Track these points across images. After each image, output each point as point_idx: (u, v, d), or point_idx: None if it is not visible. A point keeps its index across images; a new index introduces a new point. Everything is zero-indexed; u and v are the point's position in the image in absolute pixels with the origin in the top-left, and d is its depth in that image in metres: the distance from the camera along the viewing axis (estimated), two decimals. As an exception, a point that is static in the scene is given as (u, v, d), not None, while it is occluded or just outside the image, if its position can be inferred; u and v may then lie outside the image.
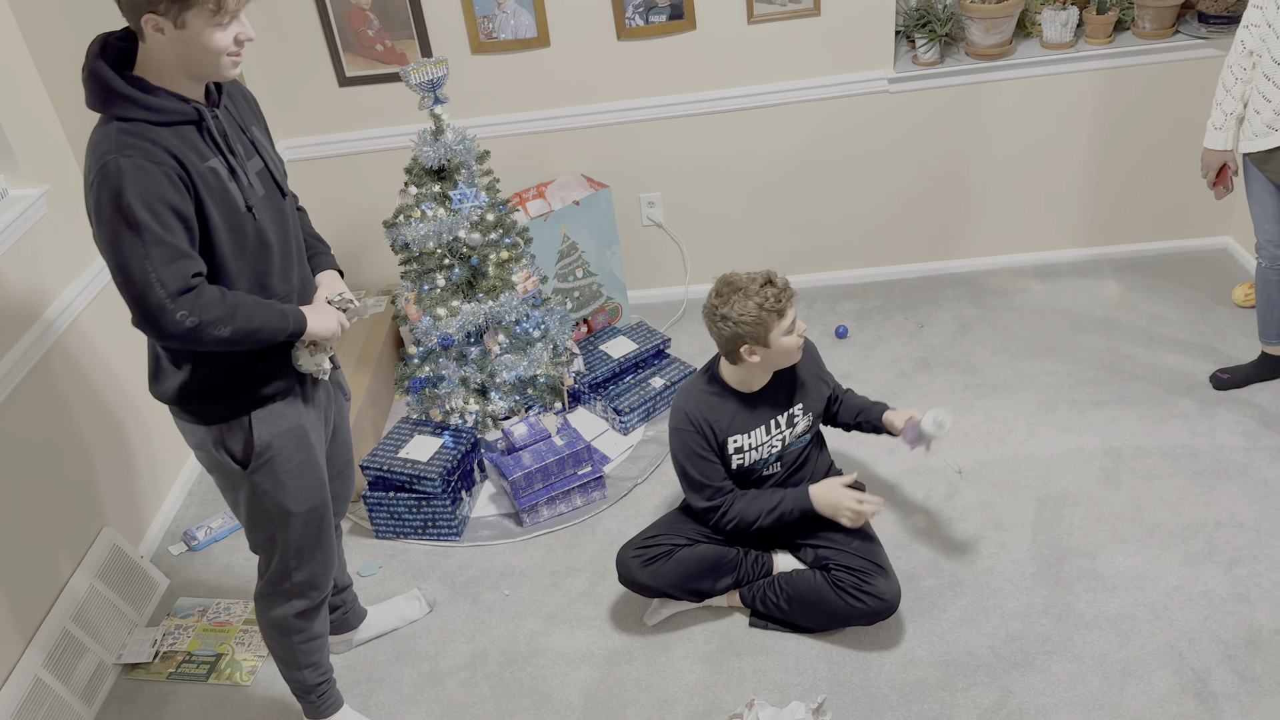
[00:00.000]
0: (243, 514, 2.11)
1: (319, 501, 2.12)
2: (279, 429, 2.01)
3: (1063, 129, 3.63)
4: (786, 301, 2.34)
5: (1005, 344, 3.52)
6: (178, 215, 1.74)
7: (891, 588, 2.44)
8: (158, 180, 1.70)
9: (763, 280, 2.34)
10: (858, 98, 3.57)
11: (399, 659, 2.65)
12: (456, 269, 3.09)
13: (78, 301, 2.78)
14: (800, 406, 2.53)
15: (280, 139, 3.71)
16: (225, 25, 1.73)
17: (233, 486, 2.07)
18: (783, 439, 2.54)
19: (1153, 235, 3.87)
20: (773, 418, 2.51)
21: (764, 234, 3.87)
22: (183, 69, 1.76)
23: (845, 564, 2.48)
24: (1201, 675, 2.35)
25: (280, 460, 2.03)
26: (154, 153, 1.71)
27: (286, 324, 1.91)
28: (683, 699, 2.45)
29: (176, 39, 1.71)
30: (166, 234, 1.72)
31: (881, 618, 2.46)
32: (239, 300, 1.84)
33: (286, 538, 2.12)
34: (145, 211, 1.70)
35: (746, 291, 2.32)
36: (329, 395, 2.19)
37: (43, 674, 2.46)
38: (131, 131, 1.72)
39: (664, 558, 2.53)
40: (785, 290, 2.35)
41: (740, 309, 2.31)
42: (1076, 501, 2.85)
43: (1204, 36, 3.43)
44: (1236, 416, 3.07)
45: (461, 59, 3.51)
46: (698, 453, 2.47)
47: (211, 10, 1.69)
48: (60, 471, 2.68)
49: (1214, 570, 2.59)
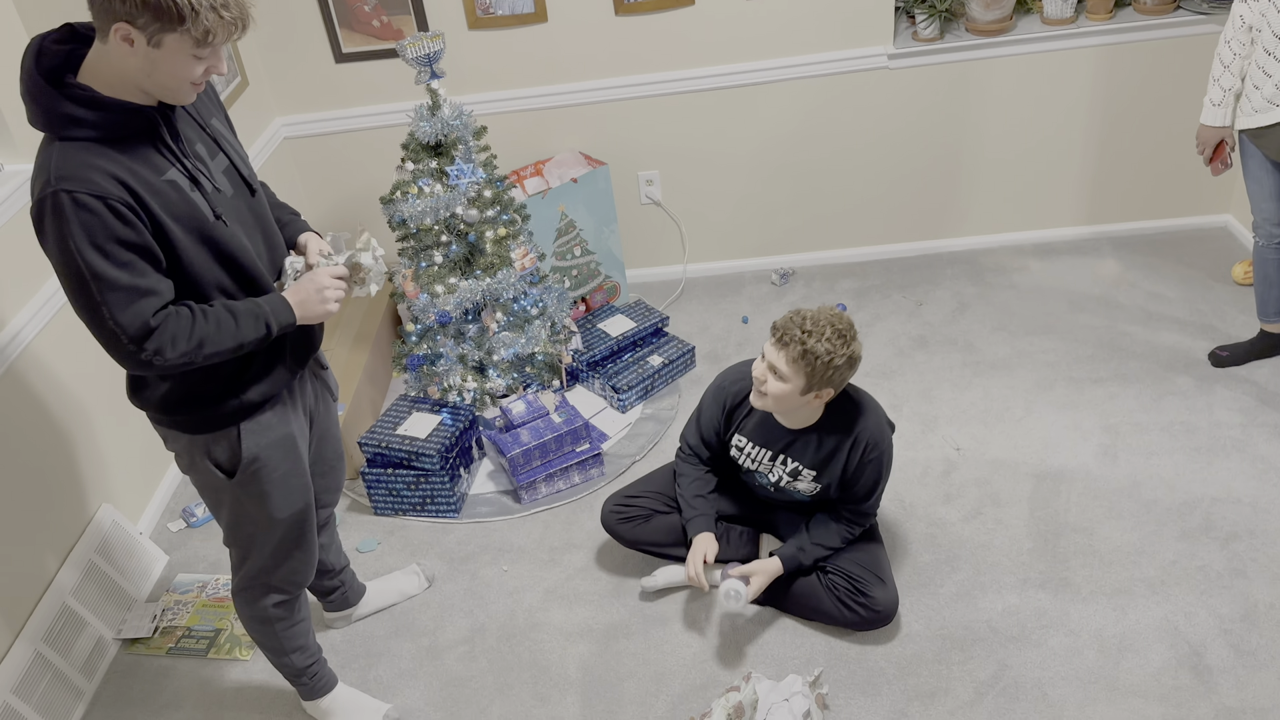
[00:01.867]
0: (224, 518, 2.06)
1: (303, 505, 2.08)
2: (268, 439, 1.95)
3: (1063, 106, 3.62)
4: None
5: (1004, 322, 3.52)
6: (130, 248, 1.63)
7: (889, 598, 2.38)
8: (102, 217, 1.59)
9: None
10: (857, 74, 3.55)
11: (398, 634, 2.66)
12: (454, 246, 3.08)
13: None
14: (813, 474, 2.41)
15: (277, 116, 3.69)
16: (202, 57, 1.62)
17: (214, 493, 2.01)
18: (779, 478, 2.47)
19: (1152, 213, 3.86)
20: (785, 455, 2.43)
21: (762, 212, 3.86)
22: (139, 84, 1.64)
23: (843, 569, 2.42)
24: (1197, 649, 2.35)
25: (267, 470, 1.97)
26: (98, 184, 1.59)
27: (267, 329, 1.81)
28: (680, 672, 2.46)
29: (145, 55, 1.59)
30: (121, 274, 1.62)
31: (875, 627, 2.43)
32: (210, 322, 1.74)
33: (268, 540, 2.08)
34: (95, 254, 1.60)
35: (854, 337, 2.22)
36: (315, 393, 2.13)
37: (43, 648, 2.47)
38: (74, 158, 1.60)
39: (641, 520, 2.61)
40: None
41: (858, 354, 2.22)
42: (1074, 478, 2.85)
43: (1205, 12, 3.41)
44: (1234, 393, 3.07)
45: (459, 34, 3.49)
46: (705, 409, 2.53)
47: (195, 40, 1.58)
48: (59, 448, 2.68)
49: (1210, 545, 2.60)
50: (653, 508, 2.64)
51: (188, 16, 1.55)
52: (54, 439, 2.67)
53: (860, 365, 2.28)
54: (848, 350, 2.18)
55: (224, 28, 1.60)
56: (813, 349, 2.15)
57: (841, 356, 2.17)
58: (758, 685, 2.28)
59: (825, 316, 2.19)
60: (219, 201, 1.78)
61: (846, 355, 2.18)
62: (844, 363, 2.18)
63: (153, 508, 3.09)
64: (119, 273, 1.63)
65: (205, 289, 1.78)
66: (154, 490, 3.13)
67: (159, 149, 1.70)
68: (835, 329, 2.17)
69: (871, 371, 3.34)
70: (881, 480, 2.39)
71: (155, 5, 1.54)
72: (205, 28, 1.57)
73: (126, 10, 1.54)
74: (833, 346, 2.15)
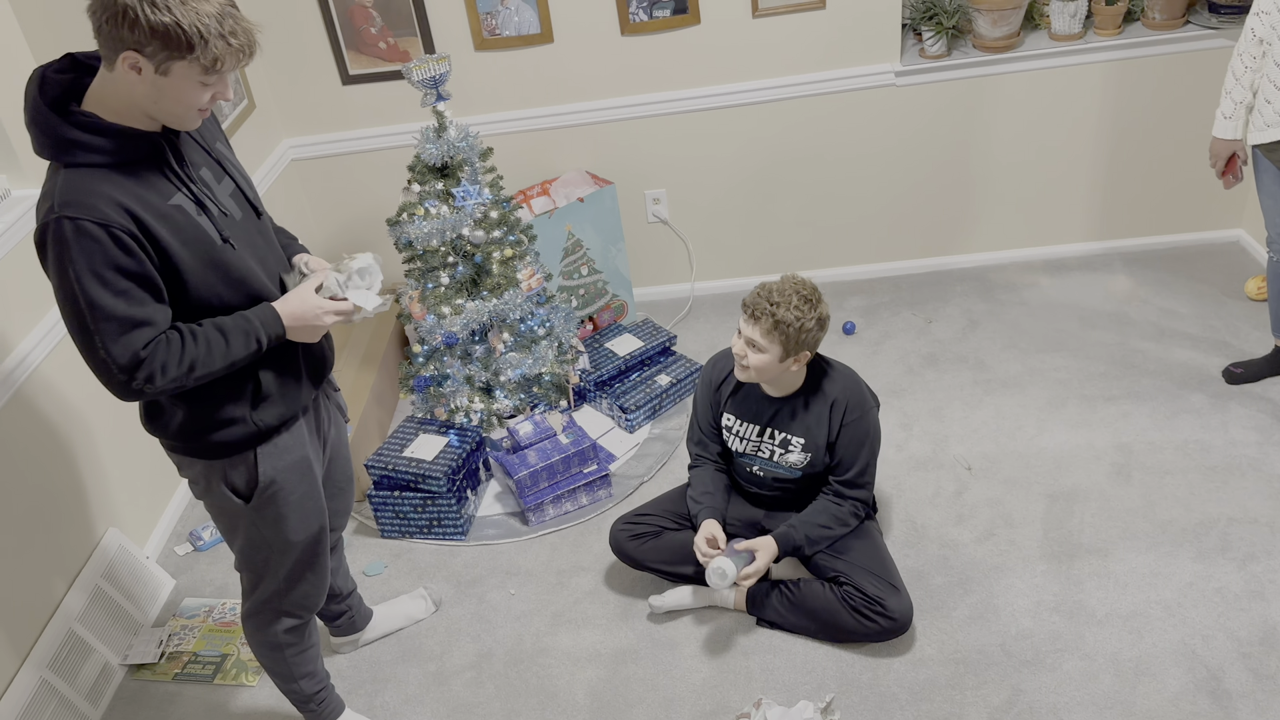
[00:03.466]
0: (238, 543, 2.05)
1: (318, 528, 2.07)
2: (284, 463, 1.94)
3: (1072, 121, 3.60)
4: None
5: (1014, 339, 3.49)
6: (129, 276, 1.63)
7: (904, 606, 2.40)
8: (104, 245, 1.59)
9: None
10: (864, 91, 3.54)
11: (404, 659, 2.63)
12: (460, 267, 3.07)
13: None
14: (801, 441, 2.47)
15: (284, 138, 3.70)
16: (209, 84, 1.63)
17: (230, 518, 2.00)
18: (770, 453, 2.52)
19: (1163, 228, 3.83)
20: (771, 427, 2.50)
21: (770, 229, 3.85)
22: (146, 110, 1.64)
23: (859, 582, 2.43)
24: (1215, 673, 2.31)
25: (284, 494, 1.97)
26: (102, 211, 1.59)
27: (258, 344, 1.79)
28: (689, 698, 2.43)
29: (153, 83, 1.59)
30: (118, 303, 1.63)
31: (892, 636, 2.44)
32: (200, 345, 1.73)
33: (282, 563, 2.07)
34: (93, 282, 1.60)
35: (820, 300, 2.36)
36: (327, 414, 2.12)
37: (48, 675, 2.45)
38: (79, 184, 1.60)
39: (651, 536, 2.64)
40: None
41: (825, 315, 2.34)
42: (1087, 498, 2.82)
43: (1215, 26, 3.39)
44: (1249, 411, 3.03)
45: (465, 56, 3.49)
46: (697, 401, 2.63)
47: (204, 67, 1.58)
48: (65, 472, 2.67)
49: (1228, 567, 2.56)
50: (662, 525, 2.65)
51: (196, 45, 1.55)
52: (60, 463, 2.66)
53: (829, 326, 2.44)
54: (815, 313, 2.31)
55: (232, 55, 1.60)
56: (783, 318, 2.27)
57: (811, 319, 2.30)
58: (769, 711, 2.25)
59: (789, 285, 2.32)
60: (226, 225, 1.78)
61: (815, 317, 2.31)
62: (814, 325, 2.31)
63: (159, 531, 3.08)
64: (115, 301, 1.63)
65: (217, 313, 1.78)
66: (160, 514, 3.12)
67: (165, 174, 1.70)
68: (800, 295, 2.30)
69: (881, 390, 3.31)
70: (865, 448, 2.46)
71: (164, 33, 1.53)
72: (214, 55, 1.58)
73: (135, 39, 1.54)
74: (801, 312, 2.28)
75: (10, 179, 2.64)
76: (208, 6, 1.55)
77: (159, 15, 1.52)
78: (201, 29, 1.55)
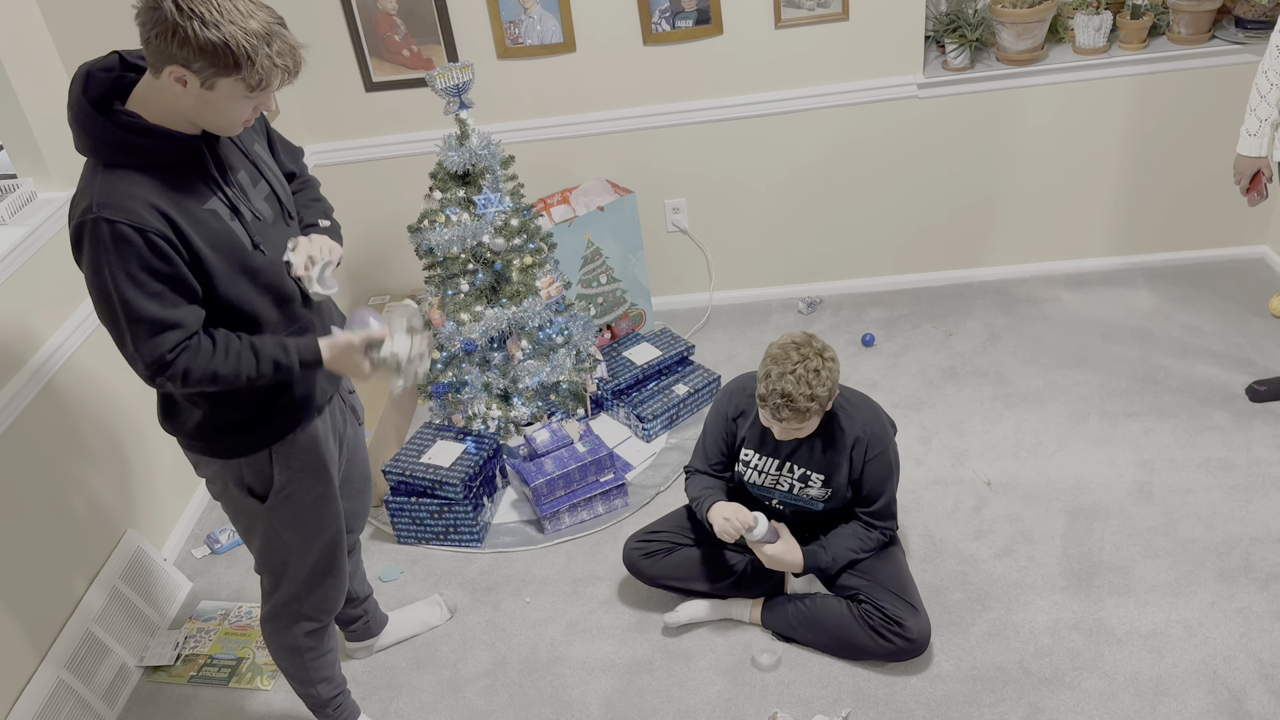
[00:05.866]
0: (255, 545, 2.06)
1: (335, 530, 2.08)
2: (300, 464, 1.95)
3: (1095, 135, 3.57)
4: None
5: (1035, 354, 3.47)
6: (162, 279, 1.65)
7: (922, 626, 2.38)
8: (138, 248, 1.62)
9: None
10: (887, 103, 3.53)
11: (419, 665, 2.63)
12: (480, 274, 3.08)
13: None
14: (821, 478, 2.44)
15: (307, 144, 3.72)
16: (254, 99, 1.64)
17: (247, 519, 2.01)
18: (789, 486, 2.48)
19: (1187, 244, 3.80)
20: (790, 462, 2.46)
21: (790, 240, 3.84)
22: (189, 118, 1.66)
23: (876, 599, 2.41)
24: (1237, 695, 2.29)
25: (299, 495, 1.97)
26: (138, 214, 1.61)
27: (289, 372, 1.81)
28: (704, 711, 2.42)
29: (198, 96, 1.61)
30: (150, 304, 1.65)
31: (909, 657, 2.41)
32: (230, 359, 1.74)
33: (300, 565, 2.07)
34: (128, 283, 1.63)
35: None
36: (344, 416, 2.12)
37: (65, 675, 2.47)
38: (117, 186, 1.62)
39: (663, 553, 2.62)
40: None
41: (832, 355, 2.29)
42: (1108, 515, 2.79)
43: (1240, 42, 3.37)
44: (1273, 429, 3.00)
45: (488, 64, 3.50)
46: (711, 424, 2.55)
47: (249, 85, 1.60)
48: (84, 474, 2.69)
49: (1250, 587, 2.53)
50: (674, 541, 2.63)
51: (243, 64, 1.57)
52: (82, 464, 2.68)
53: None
54: (828, 363, 2.25)
55: (278, 74, 1.62)
56: (818, 395, 2.22)
57: (831, 374, 2.25)
58: (783, 726, 2.24)
59: (791, 358, 2.22)
60: (258, 230, 1.80)
61: (831, 368, 2.25)
62: (836, 375, 2.27)
63: (177, 533, 3.10)
64: (148, 302, 1.65)
65: (245, 315, 1.80)
66: (179, 516, 3.13)
67: (202, 178, 1.72)
68: (807, 364, 2.21)
69: (900, 403, 3.30)
70: (890, 480, 2.43)
71: (212, 52, 1.55)
72: (260, 74, 1.60)
73: (184, 55, 1.56)
74: (824, 375, 2.22)
75: (37, 181, 2.67)
76: (255, 25, 1.57)
77: (208, 34, 1.53)
78: (249, 49, 1.56)
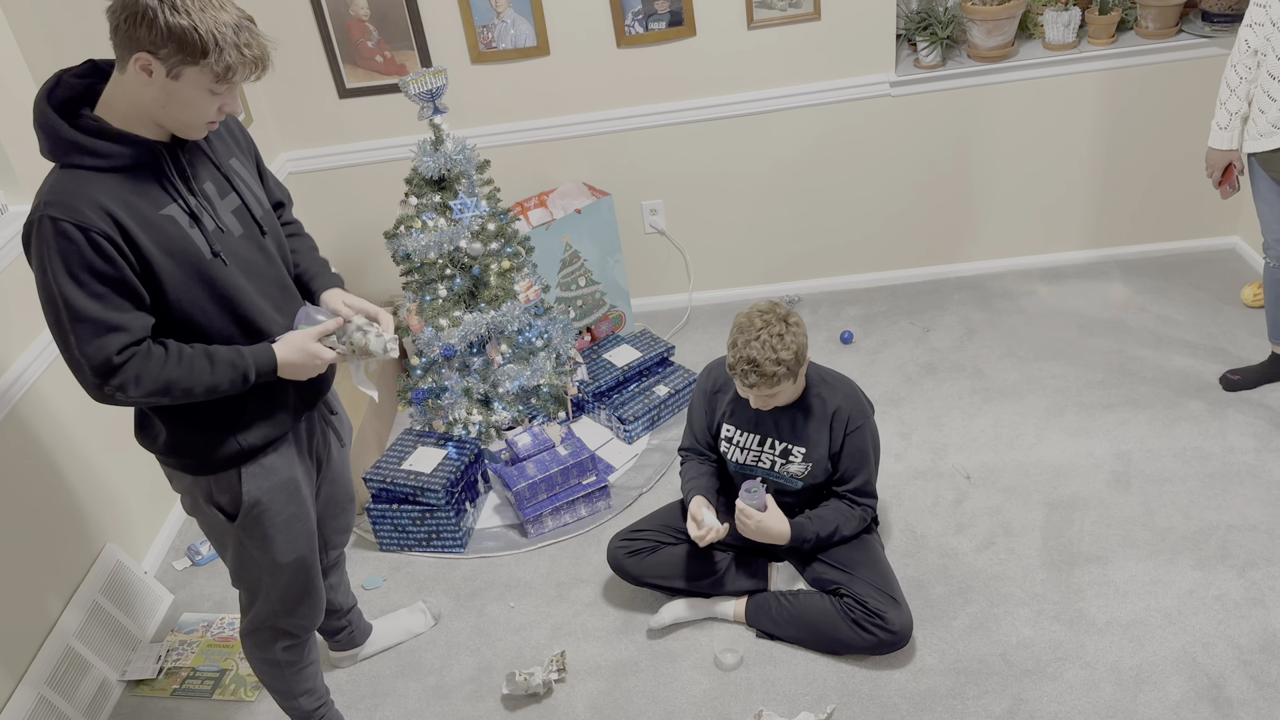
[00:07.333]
0: (229, 560, 2.05)
1: (307, 551, 2.06)
2: (269, 484, 1.93)
3: (1067, 130, 3.61)
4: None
5: (1012, 347, 3.49)
6: (105, 280, 1.63)
7: (904, 620, 2.40)
8: (80, 247, 1.60)
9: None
10: (860, 102, 3.55)
11: (404, 673, 2.63)
12: (458, 279, 3.08)
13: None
14: (803, 451, 2.48)
15: (281, 151, 3.71)
16: (219, 93, 1.64)
17: (219, 535, 2.00)
18: (770, 463, 2.52)
19: (1160, 236, 3.84)
20: (772, 438, 2.50)
21: (767, 240, 3.85)
22: (154, 116, 1.66)
23: (858, 593, 2.43)
24: (1216, 681, 2.31)
25: (270, 514, 1.95)
26: (84, 214, 1.60)
27: (244, 379, 1.79)
28: (690, 710, 2.43)
29: (163, 86, 1.61)
30: (92, 305, 1.63)
31: (891, 650, 2.43)
32: (182, 365, 1.72)
33: (274, 584, 2.06)
34: (69, 282, 1.61)
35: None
36: (321, 435, 2.10)
37: (46, 692, 2.44)
38: (68, 185, 1.62)
39: (647, 551, 2.64)
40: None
41: (798, 321, 2.33)
42: (1087, 506, 2.82)
43: (1208, 35, 3.41)
44: (1247, 418, 3.03)
45: (461, 69, 3.50)
46: (694, 401, 2.63)
47: (215, 75, 1.60)
48: (63, 487, 2.67)
49: (1227, 574, 2.56)
50: (659, 540, 2.64)
51: (210, 51, 1.57)
52: (58, 478, 2.66)
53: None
54: (792, 328, 2.28)
55: (245, 66, 1.62)
56: (784, 359, 2.26)
57: (796, 337, 2.28)
58: (769, 723, 2.24)
59: (755, 328, 2.26)
60: (221, 240, 1.77)
61: (796, 333, 2.28)
62: (802, 339, 2.30)
63: (158, 546, 3.07)
64: (90, 303, 1.64)
65: (200, 327, 1.77)
66: (159, 528, 3.11)
67: (161, 183, 1.71)
68: (770, 330, 2.25)
69: (879, 399, 3.31)
70: (868, 455, 2.47)
71: (180, 36, 1.56)
72: (227, 64, 1.60)
73: (151, 39, 1.56)
74: (788, 340, 2.26)
75: (7, 194, 2.64)
76: (226, 16, 1.58)
77: (177, 18, 1.54)
78: (217, 36, 1.57)
